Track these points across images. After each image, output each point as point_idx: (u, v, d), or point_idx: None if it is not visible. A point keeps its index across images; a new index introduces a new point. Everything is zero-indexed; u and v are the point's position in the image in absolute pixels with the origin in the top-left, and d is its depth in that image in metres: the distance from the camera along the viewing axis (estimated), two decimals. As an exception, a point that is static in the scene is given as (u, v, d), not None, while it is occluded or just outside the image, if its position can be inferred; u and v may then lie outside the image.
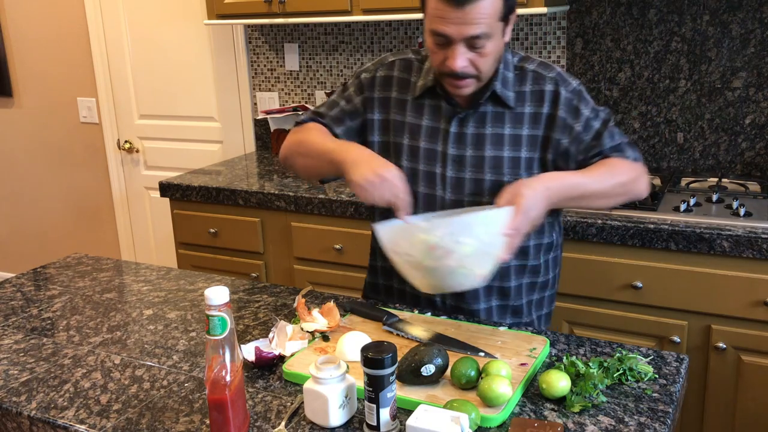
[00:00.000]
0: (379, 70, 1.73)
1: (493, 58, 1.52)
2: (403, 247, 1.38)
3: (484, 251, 1.36)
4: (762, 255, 2.04)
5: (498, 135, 1.61)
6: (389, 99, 1.70)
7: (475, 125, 1.62)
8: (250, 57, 3.47)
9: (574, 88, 1.62)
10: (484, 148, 1.61)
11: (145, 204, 3.92)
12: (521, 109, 1.61)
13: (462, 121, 1.62)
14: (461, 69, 1.49)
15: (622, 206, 2.29)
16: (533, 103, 1.61)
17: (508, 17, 1.50)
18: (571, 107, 1.60)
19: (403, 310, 1.63)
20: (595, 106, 1.64)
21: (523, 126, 1.61)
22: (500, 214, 1.38)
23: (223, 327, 1.13)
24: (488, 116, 1.61)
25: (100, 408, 1.32)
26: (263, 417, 1.27)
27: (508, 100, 1.60)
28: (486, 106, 1.61)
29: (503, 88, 1.60)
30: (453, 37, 1.46)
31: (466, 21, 1.43)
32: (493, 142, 1.61)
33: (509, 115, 1.61)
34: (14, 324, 1.70)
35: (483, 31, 1.45)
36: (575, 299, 2.34)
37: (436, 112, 1.64)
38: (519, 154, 1.60)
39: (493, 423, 1.21)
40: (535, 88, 1.61)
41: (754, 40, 2.52)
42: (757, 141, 2.60)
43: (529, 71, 1.62)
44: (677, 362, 1.40)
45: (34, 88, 4.05)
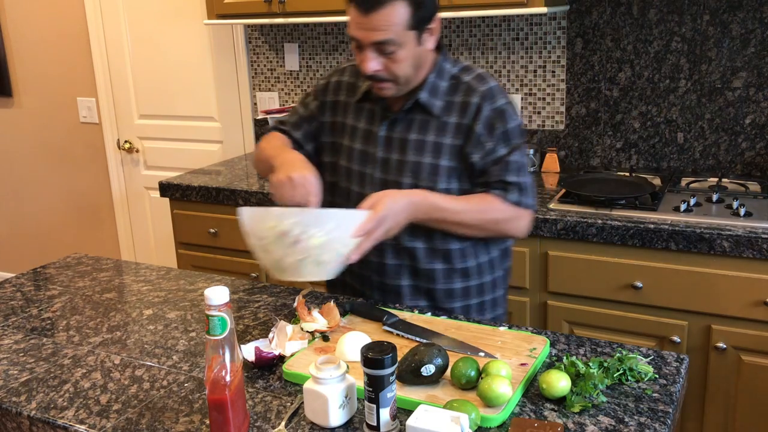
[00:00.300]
0: (333, 76, 1.83)
1: (408, 64, 1.59)
2: (257, 230, 1.44)
3: (331, 246, 1.41)
4: (762, 255, 2.04)
5: (421, 141, 1.67)
6: (338, 102, 1.80)
7: (402, 130, 1.69)
8: (250, 57, 3.48)
9: (498, 107, 1.65)
10: (407, 153, 1.67)
11: (145, 204, 3.92)
12: (447, 119, 1.66)
13: (391, 125, 1.70)
14: (372, 72, 1.58)
15: (622, 206, 2.30)
16: (459, 113, 1.66)
17: (422, 27, 1.57)
18: (488, 124, 1.64)
19: (402, 310, 1.63)
20: (514, 130, 1.66)
21: (446, 135, 1.66)
22: (355, 216, 1.45)
23: (223, 327, 1.13)
24: (415, 123, 1.68)
25: (100, 408, 1.32)
26: (263, 417, 1.27)
27: (434, 109, 1.66)
28: (415, 113, 1.68)
29: (430, 97, 1.66)
30: (362, 42, 1.56)
31: (371, 27, 1.53)
32: (415, 147, 1.67)
33: (435, 123, 1.67)
34: (14, 324, 1.70)
35: (389, 38, 1.54)
36: (575, 299, 2.34)
37: (371, 115, 1.74)
38: (439, 162, 1.65)
39: (493, 423, 1.21)
40: (463, 99, 1.66)
41: (754, 40, 2.52)
42: (757, 141, 2.60)
43: (463, 82, 1.68)
44: (677, 362, 1.40)
45: (34, 88, 4.05)
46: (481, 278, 1.75)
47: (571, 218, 2.26)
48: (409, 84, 1.64)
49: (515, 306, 2.43)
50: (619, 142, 2.80)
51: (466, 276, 1.73)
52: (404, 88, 1.64)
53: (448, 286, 1.72)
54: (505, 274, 1.82)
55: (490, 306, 1.79)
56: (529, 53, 2.88)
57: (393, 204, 1.52)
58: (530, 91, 2.91)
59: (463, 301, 1.74)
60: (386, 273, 1.73)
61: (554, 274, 2.34)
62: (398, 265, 1.71)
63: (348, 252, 1.45)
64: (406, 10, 1.53)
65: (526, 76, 2.91)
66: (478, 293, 1.75)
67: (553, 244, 2.32)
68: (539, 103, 2.91)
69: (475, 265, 1.73)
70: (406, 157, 1.67)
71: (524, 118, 2.95)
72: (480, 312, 1.77)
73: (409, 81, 1.63)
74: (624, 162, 2.81)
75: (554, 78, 2.86)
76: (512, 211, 1.65)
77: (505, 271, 1.82)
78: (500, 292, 1.81)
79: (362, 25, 1.54)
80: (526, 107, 2.94)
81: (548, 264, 2.34)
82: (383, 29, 1.53)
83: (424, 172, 1.65)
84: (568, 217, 2.27)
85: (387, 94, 1.64)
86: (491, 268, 1.76)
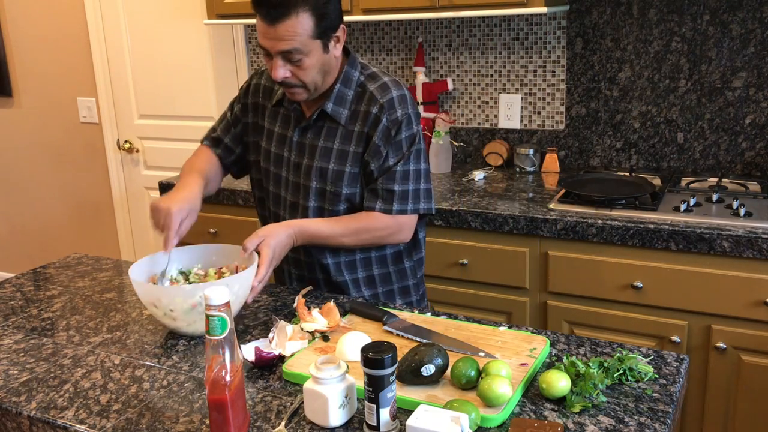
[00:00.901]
0: (253, 78, 1.93)
1: (316, 71, 1.68)
2: (162, 305, 1.51)
3: (237, 302, 1.56)
4: (762, 255, 2.04)
5: (328, 148, 1.76)
6: (258, 104, 1.90)
7: (312, 137, 1.79)
8: (250, 57, 3.47)
9: (395, 118, 1.72)
10: (315, 159, 1.77)
11: (145, 204, 3.92)
12: (351, 127, 1.75)
13: (303, 131, 1.80)
14: (281, 78, 1.66)
15: (622, 206, 2.30)
16: (361, 122, 1.74)
17: (327, 36, 1.64)
18: (385, 134, 1.72)
19: (402, 310, 1.63)
20: (406, 140, 1.74)
21: (350, 143, 1.75)
22: (251, 271, 1.57)
23: (223, 327, 1.13)
24: (324, 130, 1.78)
25: (100, 408, 1.32)
26: (263, 417, 1.27)
27: (340, 119, 1.75)
28: (323, 121, 1.78)
29: (336, 106, 1.75)
30: (270, 51, 1.64)
31: (277, 37, 1.60)
32: (322, 154, 1.77)
33: (341, 131, 1.76)
34: (14, 324, 1.70)
35: (294, 47, 1.61)
36: (575, 299, 2.34)
37: (286, 120, 1.84)
38: (344, 168, 1.75)
39: (493, 423, 1.21)
40: (366, 108, 1.74)
41: (754, 40, 2.52)
42: (757, 141, 2.60)
43: (368, 91, 1.75)
44: (677, 362, 1.40)
45: (34, 88, 4.05)
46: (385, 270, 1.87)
47: (571, 218, 2.26)
48: (318, 89, 1.72)
49: (515, 306, 2.43)
50: (619, 142, 2.80)
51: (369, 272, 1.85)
52: (314, 93, 1.72)
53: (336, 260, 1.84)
54: (413, 265, 1.91)
55: (399, 293, 1.89)
56: (529, 53, 2.88)
57: (275, 242, 1.65)
58: (530, 91, 2.91)
59: (370, 290, 1.86)
60: (303, 267, 1.87)
61: (554, 274, 2.34)
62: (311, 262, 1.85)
63: (246, 297, 1.59)
64: (310, 21, 1.60)
65: (526, 76, 2.91)
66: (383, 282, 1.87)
67: (553, 244, 2.32)
68: (539, 103, 2.91)
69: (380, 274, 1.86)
70: (314, 162, 1.77)
71: (524, 118, 2.95)
72: (390, 299, 1.89)
73: (318, 86, 1.71)
74: (624, 162, 2.81)
75: (554, 78, 2.86)
76: (393, 223, 1.75)
77: (414, 263, 1.92)
78: (411, 281, 1.90)
79: (268, 34, 1.61)
80: (526, 107, 2.94)
81: (548, 264, 2.34)
82: (288, 39, 1.59)
83: (329, 177, 1.76)
84: (568, 217, 2.27)
85: (298, 98, 1.72)
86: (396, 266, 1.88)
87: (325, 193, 1.77)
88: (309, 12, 1.59)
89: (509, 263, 2.39)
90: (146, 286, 1.56)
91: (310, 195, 1.78)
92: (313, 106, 1.78)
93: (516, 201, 2.47)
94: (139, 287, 1.55)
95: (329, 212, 1.78)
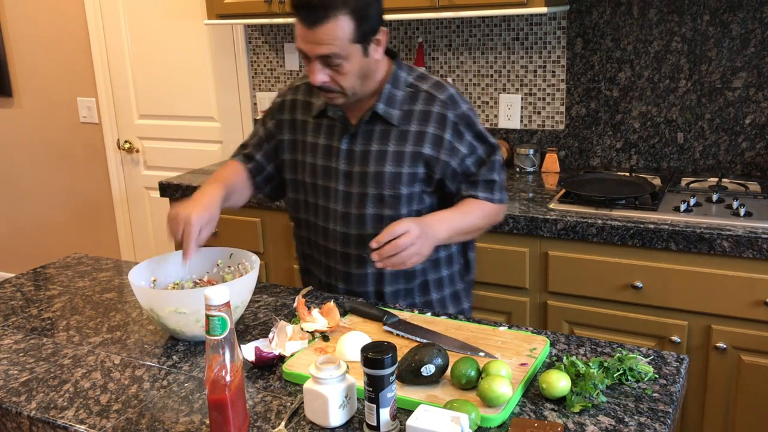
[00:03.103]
0: (287, 94, 1.86)
1: (355, 76, 1.62)
2: (156, 308, 1.50)
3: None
4: (762, 255, 2.04)
5: (382, 152, 1.70)
6: (295, 120, 1.83)
7: (362, 142, 1.72)
8: (250, 57, 3.47)
9: (462, 112, 1.70)
10: (369, 164, 1.71)
11: (145, 204, 3.92)
12: (406, 127, 1.70)
13: (352, 138, 1.73)
14: (320, 83, 1.61)
15: (622, 206, 2.30)
16: (420, 121, 1.69)
17: (367, 39, 1.60)
18: (456, 130, 1.69)
19: (403, 310, 1.63)
20: (483, 132, 1.73)
21: (407, 143, 1.69)
22: (251, 277, 1.56)
23: (223, 327, 1.13)
24: (375, 134, 1.72)
25: (100, 408, 1.32)
26: (263, 417, 1.27)
27: (392, 119, 1.70)
28: (374, 124, 1.71)
29: (387, 107, 1.69)
30: (308, 54, 1.59)
31: (316, 41, 1.55)
32: (377, 158, 1.71)
33: (395, 132, 1.70)
34: (14, 324, 1.70)
35: (333, 52, 1.56)
36: (575, 299, 2.34)
37: (330, 130, 1.76)
38: (401, 170, 1.69)
39: (493, 423, 1.21)
40: (424, 108, 1.70)
41: (754, 40, 2.52)
42: (757, 141, 2.59)
43: (422, 91, 1.71)
44: (677, 362, 1.40)
45: (34, 88, 4.05)
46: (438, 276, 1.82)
47: (571, 218, 2.26)
48: (357, 94, 1.67)
49: (515, 306, 2.43)
50: (619, 142, 2.80)
51: (425, 289, 1.81)
52: (353, 97, 1.67)
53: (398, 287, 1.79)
54: (466, 287, 1.88)
55: (451, 300, 1.85)
56: (529, 53, 2.88)
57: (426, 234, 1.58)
58: (530, 91, 2.91)
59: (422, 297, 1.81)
60: (353, 281, 1.79)
61: (554, 274, 2.34)
62: (363, 274, 1.78)
63: (242, 303, 1.56)
64: (350, 24, 1.55)
65: (526, 76, 2.91)
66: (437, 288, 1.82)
67: (553, 244, 2.32)
68: (539, 103, 2.91)
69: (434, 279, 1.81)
70: (368, 168, 1.71)
71: (524, 118, 2.95)
72: (442, 306, 1.83)
73: (357, 91, 1.66)
74: (624, 162, 2.81)
75: (554, 78, 2.86)
76: (496, 210, 1.76)
77: (466, 284, 1.89)
78: (461, 286, 1.87)
79: (307, 38, 1.56)
80: (526, 107, 2.94)
81: (548, 264, 2.34)
82: (328, 43, 1.55)
83: (387, 180, 1.70)
84: (568, 217, 2.27)
85: (337, 102, 1.68)
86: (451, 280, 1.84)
87: (383, 199, 1.70)
88: (349, 15, 1.54)
89: (509, 263, 2.39)
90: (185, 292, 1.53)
91: (367, 202, 1.71)
92: (359, 112, 1.73)
93: (516, 201, 2.47)
94: (174, 295, 1.53)
95: (389, 218, 1.69)
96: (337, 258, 1.78)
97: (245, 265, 1.68)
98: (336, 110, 1.73)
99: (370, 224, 1.72)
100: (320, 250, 1.82)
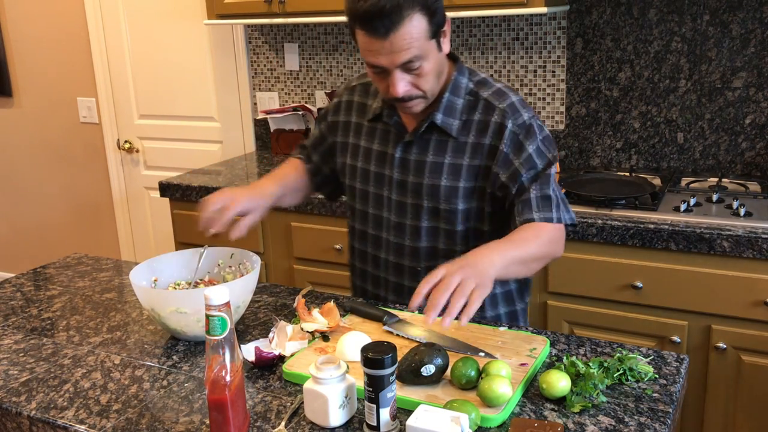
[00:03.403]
0: (344, 95, 1.80)
1: (434, 75, 1.53)
2: (157, 308, 1.51)
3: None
4: (762, 255, 2.04)
5: (438, 164, 1.61)
6: (350, 123, 1.76)
7: (417, 152, 1.63)
8: (250, 57, 3.47)
9: (523, 122, 1.56)
10: (423, 176, 1.62)
11: (145, 204, 3.92)
12: (464, 139, 1.60)
13: (406, 147, 1.64)
14: (402, 94, 1.50)
15: (622, 206, 2.30)
16: (477, 133, 1.59)
17: (438, 32, 1.49)
18: (515, 142, 1.56)
19: (403, 310, 1.63)
20: (544, 144, 1.59)
21: (464, 156, 1.59)
22: (252, 277, 1.56)
23: (223, 327, 1.13)
24: (431, 144, 1.62)
25: (100, 408, 1.32)
26: (263, 417, 1.27)
27: (451, 130, 1.59)
28: (430, 134, 1.62)
29: (446, 117, 1.59)
30: (387, 67, 1.47)
31: (394, 50, 1.44)
32: (432, 170, 1.61)
33: (452, 144, 1.60)
34: (14, 324, 1.70)
35: (414, 55, 1.45)
36: (575, 299, 2.34)
37: (385, 136, 1.69)
38: (457, 184, 1.60)
39: (493, 423, 1.21)
40: (482, 117, 1.59)
41: (754, 40, 2.52)
42: (757, 141, 2.60)
43: (482, 99, 1.60)
44: (677, 362, 1.40)
45: (34, 88, 4.05)
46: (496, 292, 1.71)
47: (571, 218, 2.26)
48: (434, 95, 1.57)
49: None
50: (619, 142, 2.80)
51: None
52: (431, 100, 1.58)
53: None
54: (524, 308, 1.78)
55: (507, 319, 1.74)
56: (529, 53, 2.88)
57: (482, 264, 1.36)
58: (530, 91, 2.91)
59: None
60: (404, 294, 1.70)
61: (554, 274, 2.34)
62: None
63: (243, 303, 1.55)
64: (423, 21, 1.44)
65: (526, 76, 2.91)
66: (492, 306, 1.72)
67: (553, 244, 2.32)
68: (539, 103, 2.91)
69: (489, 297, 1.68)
70: (423, 179, 1.62)
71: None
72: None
73: (435, 92, 1.57)
74: (624, 162, 2.81)
75: (554, 78, 2.86)
76: (558, 231, 1.58)
77: (525, 305, 1.79)
78: (520, 306, 1.76)
79: (383, 49, 1.44)
80: (526, 107, 2.93)
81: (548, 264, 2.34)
82: (406, 48, 1.43)
83: (442, 194, 1.60)
84: (568, 217, 2.27)
85: (417, 110, 1.57)
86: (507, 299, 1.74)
87: (439, 212, 1.61)
88: (420, 11, 1.43)
89: (509, 263, 2.39)
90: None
91: (422, 215, 1.63)
92: (415, 120, 1.63)
93: (516, 201, 2.47)
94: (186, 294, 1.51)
95: (446, 232, 1.62)
96: (388, 269, 1.71)
97: (246, 265, 1.68)
98: (392, 115, 1.64)
99: (426, 237, 1.64)
100: (368, 259, 1.76)
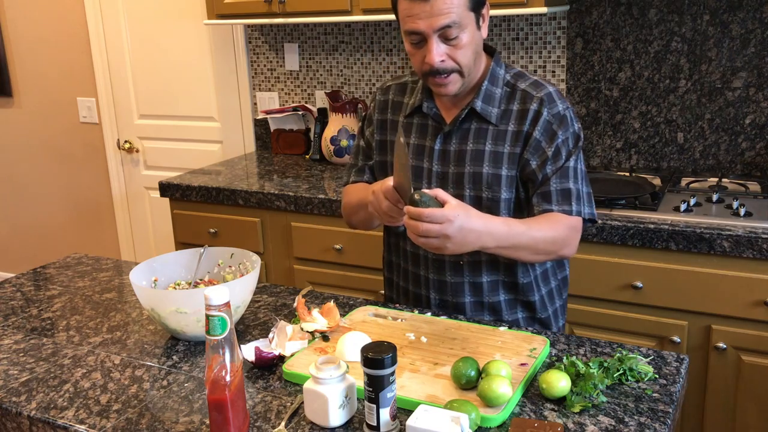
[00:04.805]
0: (378, 95, 1.81)
1: (471, 51, 1.55)
2: (158, 309, 1.52)
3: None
4: (762, 255, 2.04)
5: (479, 151, 1.63)
6: (386, 121, 1.77)
7: (457, 142, 1.65)
8: (250, 57, 3.47)
9: (558, 112, 1.60)
10: (464, 165, 1.63)
11: (145, 204, 3.92)
12: (504, 127, 1.62)
13: (446, 137, 1.66)
14: (439, 63, 1.53)
15: (622, 206, 2.30)
16: (516, 121, 1.62)
17: (479, 9, 1.55)
18: (548, 130, 1.59)
19: (403, 311, 1.63)
20: (575, 138, 1.61)
21: (504, 143, 1.62)
22: (253, 276, 1.56)
23: (223, 327, 1.13)
24: (471, 132, 1.64)
25: (100, 408, 1.32)
26: (263, 417, 1.27)
27: (491, 117, 1.62)
28: (470, 122, 1.64)
29: (485, 105, 1.62)
30: (425, 32, 1.51)
31: (434, 13, 1.48)
32: (473, 158, 1.63)
33: (492, 131, 1.63)
34: (14, 324, 1.70)
35: (453, 20, 1.49)
36: (575, 299, 2.34)
37: (422, 130, 1.70)
38: (500, 172, 1.61)
39: (493, 423, 1.21)
40: (520, 107, 1.62)
41: (754, 40, 2.52)
42: (757, 141, 2.60)
43: (519, 90, 1.63)
44: (677, 362, 1.40)
45: (34, 88, 4.05)
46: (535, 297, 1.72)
47: (571, 218, 2.25)
48: (469, 77, 1.59)
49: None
50: (619, 142, 2.80)
51: (527, 304, 1.72)
52: (465, 84, 1.60)
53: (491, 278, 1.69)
54: (559, 285, 1.79)
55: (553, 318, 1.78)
56: (529, 53, 2.88)
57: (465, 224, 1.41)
58: (530, 91, 2.91)
59: (506, 295, 1.71)
60: (446, 291, 1.70)
61: (554, 274, 2.34)
62: (459, 283, 1.69)
63: (243, 303, 1.56)
64: None
65: (526, 76, 2.90)
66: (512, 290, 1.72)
67: (553, 244, 2.32)
68: (539, 103, 2.91)
69: (539, 298, 1.72)
70: (464, 168, 1.63)
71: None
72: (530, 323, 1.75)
73: (471, 72, 1.59)
74: (624, 162, 2.81)
75: (554, 78, 2.86)
76: (574, 225, 1.59)
77: (559, 282, 1.79)
78: (558, 303, 1.78)
79: (423, 12, 1.49)
80: (526, 107, 2.93)
81: (548, 264, 2.34)
82: (446, 12, 1.48)
83: (485, 181, 1.61)
84: (568, 217, 2.27)
85: (451, 90, 1.59)
86: (550, 297, 1.76)
87: (481, 201, 1.61)
88: None
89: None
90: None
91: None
92: (454, 110, 1.65)
93: (516, 201, 2.47)
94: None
95: None
96: (428, 266, 1.70)
97: (246, 265, 1.68)
98: (431, 107, 1.66)
99: None
100: (408, 257, 1.75)
